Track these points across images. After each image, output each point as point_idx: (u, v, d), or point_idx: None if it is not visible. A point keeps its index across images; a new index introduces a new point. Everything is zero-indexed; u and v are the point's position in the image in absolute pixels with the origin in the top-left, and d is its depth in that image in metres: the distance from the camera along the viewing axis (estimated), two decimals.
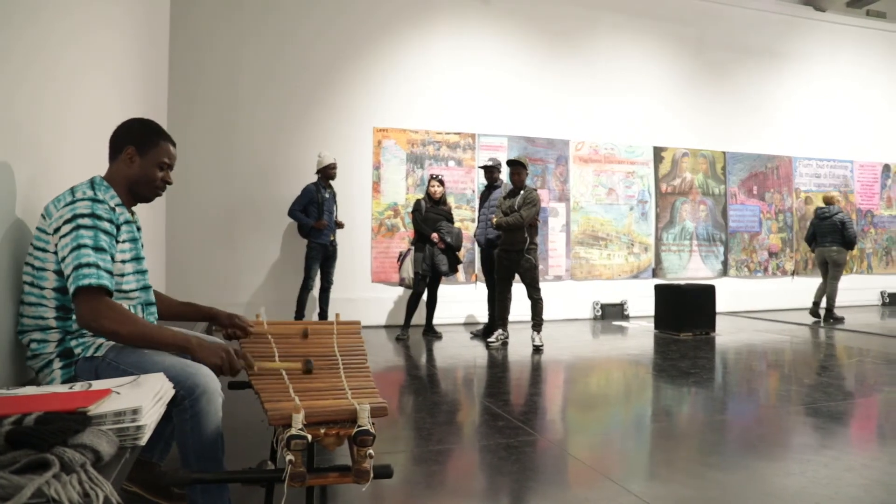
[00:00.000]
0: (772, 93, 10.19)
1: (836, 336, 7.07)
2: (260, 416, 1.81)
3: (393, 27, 8.06)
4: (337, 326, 2.37)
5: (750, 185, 9.98)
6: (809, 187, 10.41)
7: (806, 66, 10.47)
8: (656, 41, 9.43)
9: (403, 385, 4.75)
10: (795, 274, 10.21)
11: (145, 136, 2.08)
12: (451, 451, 3.10)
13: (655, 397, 4.43)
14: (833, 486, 2.57)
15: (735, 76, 9.94)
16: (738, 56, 9.97)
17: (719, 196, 9.75)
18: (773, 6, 10.20)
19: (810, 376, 5.00)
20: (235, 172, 7.37)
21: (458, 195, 8.19)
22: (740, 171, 9.90)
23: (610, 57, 9.11)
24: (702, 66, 9.72)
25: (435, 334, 6.90)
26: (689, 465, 2.92)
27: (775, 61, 10.25)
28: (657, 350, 6.21)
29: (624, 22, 9.22)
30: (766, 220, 10.06)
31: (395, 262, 7.37)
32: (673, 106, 9.49)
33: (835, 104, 10.63)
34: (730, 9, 9.87)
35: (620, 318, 8.75)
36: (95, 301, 1.81)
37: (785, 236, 10.18)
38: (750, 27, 10.03)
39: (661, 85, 9.43)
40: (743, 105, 9.97)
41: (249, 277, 7.40)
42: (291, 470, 1.59)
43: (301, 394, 1.89)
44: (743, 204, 9.92)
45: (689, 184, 9.56)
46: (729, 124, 9.83)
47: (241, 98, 7.41)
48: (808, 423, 3.64)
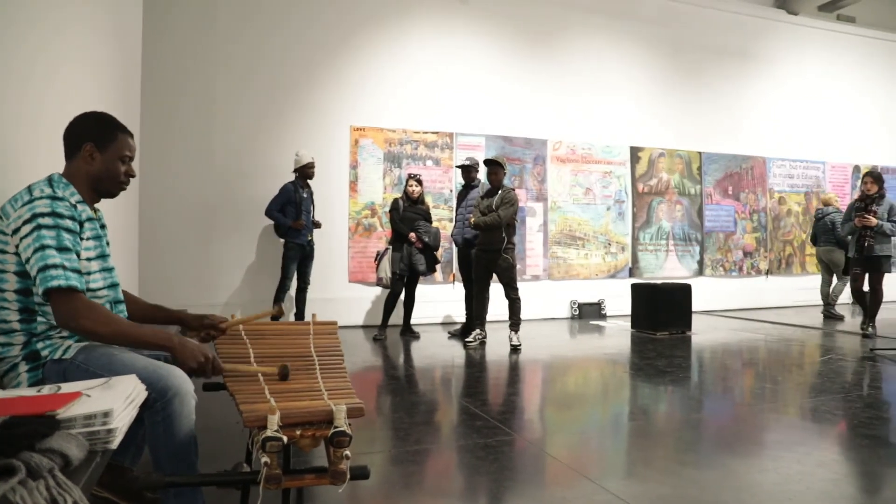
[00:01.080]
0: (746, 94, 10.33)
1: (809, 334, 7.18)
2: (235, 418, 1.78)
3: (371, 26, 8.02)
4: (313, 327, 2.35)
5: (725, 185, 10.10)
6: (783, 188, 10.56)
7: (779, 69, 10.63)
8: (633, 42, 9.51)
9: (381, 385, 4.73)
10: (769, 273, 10.36)
11: (103, 131, 2.02)
12: (429, 451, 3.09)
13: (632, 396, 4.46)
14: (805, 481, 2.61)
15: (710, 77, 10.05)
16: (713, 57, 10.08)
17: (695, 196, 9.86)
18: (747, 9, 10.34)
19: (783, 374, 5.07)
20: (211, 171, 7.28)
21: (435, 195, 8.18)
22: (716, 171, 10.02)
23: (587, 57, 9.16)
24: (678, 68, 9.82)
25: (412, 334, 6.88)
26: (666, 463, 2.94)
27: (749, 63, 10.39)
28: (634, 349, 6.26)
29: (601, 23, 9.28)
30: (741, 219, 10.20)
31: (372, 261, 7.34)
32: (649, 106, 9.57)
33: (807, 106, 10.81)
34: (705, 11, 9.98)
35: (598, 318, 8.81)
36: (72, 301, 1.78)
37: (759, 236, 10.32)
38: (725, 29, 10.15)
39: (638, 85, 9.51)
40: (718, 106, 10.09)
41: (226, 278, 7.32)
42: (267, 472, 1.57)
43: (277, 395, 1.87)
44: (718, 204, 10.04)
45: (666, 184, 9.65)
46: (704, 125, 9.95)
47: (217, 96, 7.33)
48: (781, 420, 3.69)
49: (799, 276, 10.54)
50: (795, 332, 7.33)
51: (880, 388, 4.49)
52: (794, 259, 10.56)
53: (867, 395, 4.30)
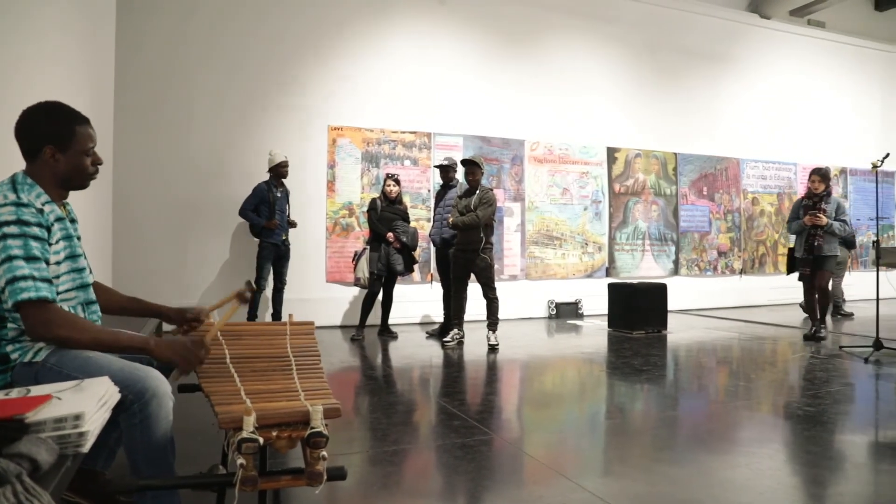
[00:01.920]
0: (720, 96, 10.47)
1: (781, 333, 7.30)
2: (211, 420, 1.77)
3: (348, 25, 7.98)
4: (290, 327, 2.34)
5: (700, 185, 10.22)
6: (756, 188, 10.72)
7: (752, 71, 10.79)
8: (610, 44, 9.58)
9: (359, 385, 4.71)
10: (743, 273, 10.51)
11: (59, 129, 1.92)
12: (407, 451, 3.08)
13: (609, 395, 4.50)
14: (776, 476, 2.65)
15: (685, 79, 10.17)
16: (688, 60, 10.20)
17: (671, 196, 9.97)
18: (721, 12, 10.47)
19: (756, 372, 5.15)
20: (186, 170, 7.19)
21: (413, 194, 8.17)
22: (691, 172, 10.13)
23: (564, 58, 9.21)
24: (653, 69, 9.91)
25: (390, 334, 6.87)
26: (642, 460, 2.97)
27: (723, 65, 10.53)
28: (611, 348, 6.31)
29: (578, 24, 9.34)
30: (716, 220, 10.33)
31: (350, 261, 7.31)
32: (626, 107, 9.66)
33: (779, 108, 10.98)
34: (680, 14, 10.09)
35: (575, 317, 8.86)
36: (43, 312, 1.75)
37: (733, 236, 10.46)
38: (700, 32, 10.27)
39: (615, 87, 9.59)
40: (693, 107, 10.21)
41: (199, 277, 7.24)
42: (243, 474, 1.56)
43: (253, 396, 1.85)
44: (693, 204, 10.16)
45: (642, 184, 9.74)
46: (680, 126, 10.06)
47: (191, 94, 7.24)
48: (754, 417, 3.74)
49: (772, 276, 10.70)
50: (768, 331, 7.44)
51: (849, 384, 4.57)
52: (767, 259, 10.73)
53: (836, 391, 4.38)
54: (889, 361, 5.36)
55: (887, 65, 12.27)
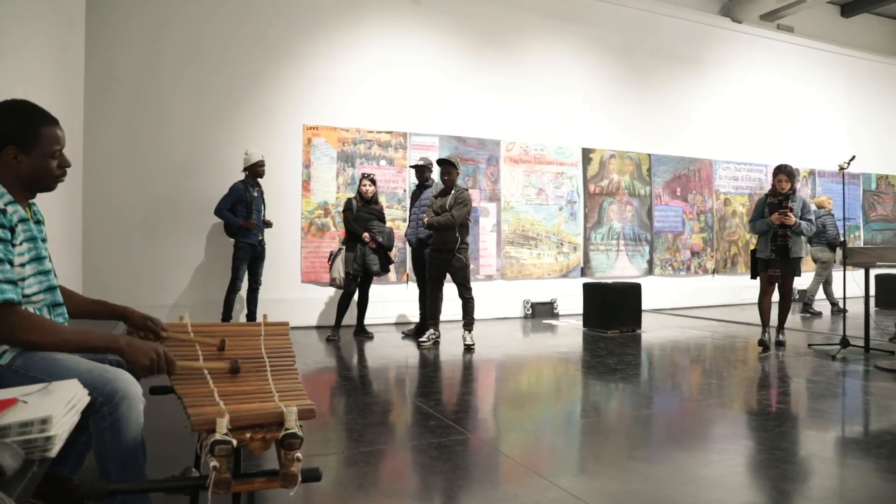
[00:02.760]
0: (693, 98, 10.61)
1: (753, 331, 7.40)
2: (184, 422, 1.74)
3: (324, 24, 7.94)
4: (264, 328, 2.32)
5: (673, 186, 10.34)
6: (728, 189, 10.88)
7: (724, 74, 10.95)
8: (585, 45, 9.65)
9: (334, 386, 4.68)
10: (716, 272, 10.65)
11: (23, 130, 1.85)
12: (383, 451, 3.07)
13: (584, 394, 4.53)
14: (747, 473, 2.69)
15: (659, 81, 10.28)
16: (661, 62, 10.32)
17: (645, 197, 10.07)
18: (693, 16, 10.61)
19: (728, 370, 5.22)
20: (159, 169, 7.09)
21: (389, 194, 8.15)
22: (664, 172, 10.24)
23: (540, 59, 9.26)
24: (628, 71, 10.01)
25: (366, 334, 6.84)
26: (616, 458, 2.99)
27: (696, 68, 10.66)
28: (586, 347, 6.35)
29: (554, 25, 9.39)
30: (689, 220, 10.45)
31: (325, 261, 7.27)
32: (601, 109, 9.73)
33: (749, 110, 11.16)
34: (654, 17, 10.20)
35: (550, 317, 8.91)
36: (9, 315, 1.71)
37: (706, 236, 10.60)
38: (673, 35, 10.40)
39: (590, 88, 9.66)
40: (667, 109, 10.32)
41: (174, 278, 7.14)
42: (216, 476, 1.54)
43: (226, 398, 1.83)
44: (667, 205, 10.27)
45: (617, 185, 9.82)
46: (654, 127, 10.17)
47: (164, 92, 7.13)
48: (726, 414, 3.80)
49: (744, 275, 10.85)
50: (740, 330, 7.55)
51: (817, 381, 4.66)
52: (738, 258, 10.89)
53: (805, 388, 4.46)
54: (856, 359, 5.47)
55: (852, 69, 12.54)
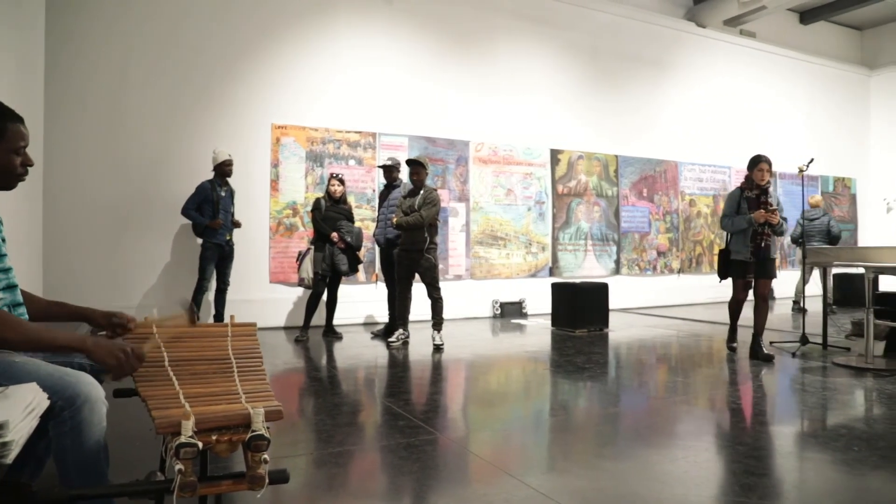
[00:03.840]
0: (659, 100, 10.77)
1: (717, 330, 7.54)
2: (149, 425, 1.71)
3: (294, 23, 7.87)
4: (231, 329, 2.29)
5: (640, 187, 10.48)
6: (693, 190, 11.07)
7: (689, 77, 11.14)
8: (553, 47, 9.73)
9: (303, 387, 4.65)
10: (681, 272, 10.83)
11: None
12: (352, 452, 3.06)
13: (553, 392, 4.56)
14: (711, 468, 2.75)
15: (626, 83, 10.41)
16: (628, 65, 10.45)
17: (612, 198, 10.19)
18: (660, 20, 10.77)
19: (694, 368, 5.31)
20: (124, 168, 6.95)
21: (358, 194, 8.12)
22: (631, 174, 10.38)
23: (509, 60, 9.31)
24: (595, 73, 10.12)
25: (335, 335, 6.80)
26: (584, 456, 3.02)
27: (662, 71, 10.83)
28: (554, 346, 6.40)
29: (523, 27, 9.45)
30: (655, 220, 10.61)
31: (293, 262, 7.21)
32: (569, 110, 9.82)
33: (714, 113, 11.38)
34: (621, 20, 10.33)
35: (519, 316, 8.96)
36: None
37: (672, 236, 10.76)
38: (640, 38, 10.54)
39: (558, 89, 9.74)
40: (633, 111, 10.46)
41: (140, 279, 7.01)
42: (181, 480, 1.52)
43: (192, 399, 1.80)
44: (634, 205, 10.41)
45: (584, 185, 9.92)
46: (621, 129, 10.30)
47: (130, 89, 6.99)
48: (692, 411, 3.86)
49: (708, 275, 11.06)
50: (705, 328, 7.69)
51: (778, 378, 4.77)
52: (703, 258, 11.09)
53: (766, 385, 4.56)
54: (814, 356, 5.61)
55: (811, 75, 12.88)
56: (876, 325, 5.19)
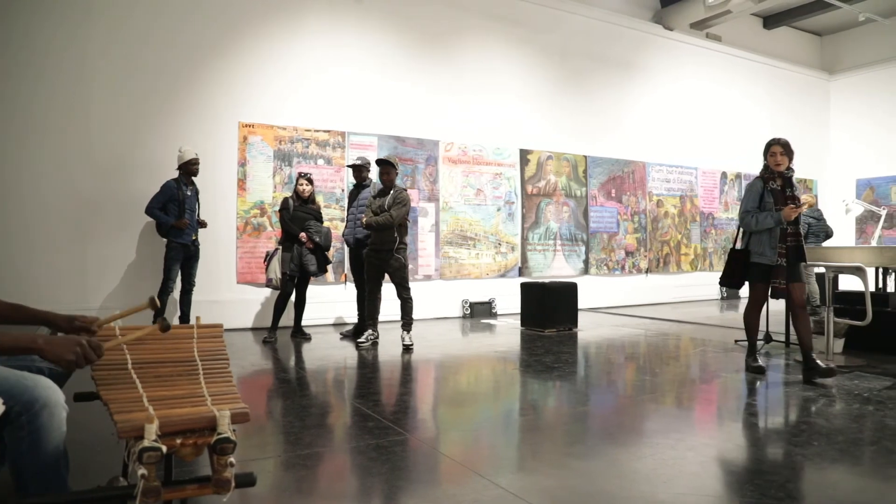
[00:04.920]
0: (627, 101, 10.90)
1: (683, 328, 7.66)
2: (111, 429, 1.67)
3: (262, 20, 7.78)
4: (197, 330, 2.25)
5: (609, 188, 10.59)
6: (661, 191, 11.22)
7: (656, 79, 11.30)
8: (523, 48, 9.78)
9: (271, 389, 4.59)
10: (649, 272, 10.97)
11: None
12: (321, 454, 3.03)
13: (522, 392, 4.58)
14: (678, 465, 2.78)
15: (595, 85, 10.52)
16: (597, 66, 10.55)
17: (581, 198, 10.28)
18: (628, 22, 10.90)
19: (660, 367, 5.38)
20: (86, 166, 6.80)
21: (327, 194, 8.06)
22: (600, 174, 10.48)
23: (479, 61, 9.33)
24: (565, 74, 10.20)
25: (304, 336, 6.74)
26: (554, 455, 3.04)
27: (630, 73, 10.96)
28: (524, 346, 6.43)
29: (493, 27, 9.48)
30: (623, 221, 10.73)
31: (261, 262, 7.13)
32: (538, 110, 9.88)
33: (681, 114, 11.56)
34: (590, 21, 10.43)
35: (489, 316, 8.99)
36: None
37: (640, 236, 10.90)
38: (609, 40, 10.65)
39: (528, 90, 9.80)
40: (602, 112, 10.57)
41: (102, 280, 6.86)
42: (144, 485, 1.49)
43: (156, 402, 1.77)
44: (602, 206, 10.51)
45: (553, 186, 9.99)
46: (590, 130, 10.40)
47: (92, 85, 6.84)
48: (659, 409, 3.91)
49: (675, 275, 11.24)
50: (672, 327, 7.80)
51: (742, 375, 4.85)
52: (670, 258, 11.25)
53: (731, 382, 4.64)
54: (777, 353, 5.73)
55: (774, 78, 13.16)
56: (836, 323, 5.31)
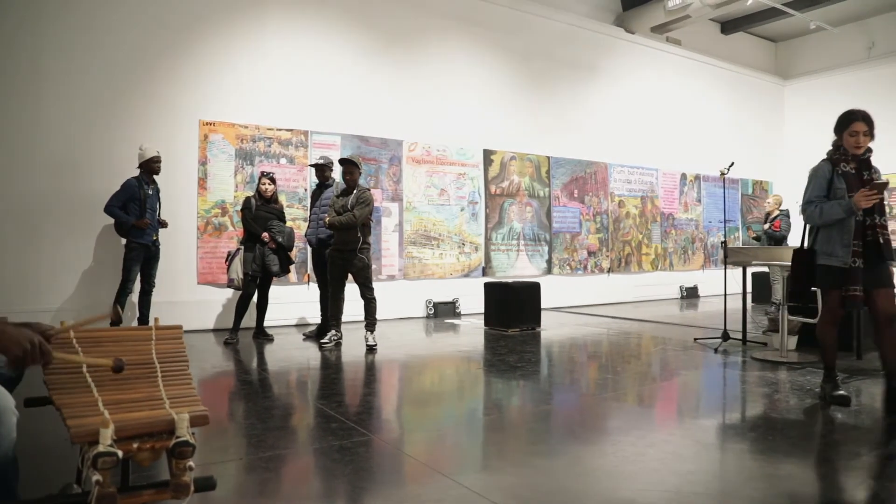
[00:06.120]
0: (590, 103, 11.03)
1: (644, 327, 7.79)
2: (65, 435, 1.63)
3: (223, 17, 7.66)
4: (156, 332, 2.20)
5: (571, 188, 10.70)
6: (622, 192, 11.38)
7: (618, 81, 11.46)
8: (486, 49, 9.82)
9: (233, 391, 4.53)
10: (611, 271, 11.12)
11: None
12: (284, 456, 3.00)
13: (486, 391, 4.60)
14: (639, 462, 2.83)
15: (558, 86, 10.62)
16: (560, 68, 10.66)
17: (544, 198, 10.36)
18: (590, 24, 11.04)
19: (622, 365, 5.46)
20: (39, 163, 6.59)
21: (289, 193, 7.98)
22: (563, 175, 10.59)
23: (443, 61, 9.34)
24: (528, 75, 10.27)
25: (266, 337, 6.66)
26: (518, 454, 3.06)
27: (593, 74, 11.09)
28: (487, 346, 6.46)
29: (457, 28, 9.50)
30: (586, 221, 10.85)
31: (222, 262, 7.02)
32: (502, 111, 9.94)
33: (642, 117, 11.74)
34: (553, 23, 10.53)
35: (452, 316, 9.00)
36: None
37: (602, 236, 11.04)
38: (571, 42, 10.77)
39: (491, 90, 9.84)
40: (565, 113, 10.68)
41: (57, 281, 6.66)
42: (99, 491, 1.45)
43: (112, 406, 1.72)
44: (565, 206, 10.62)
45: (517, 186, 10.06)
46: (553, 131, 10.49)
47: (49, 81, 6.63)
48: (621, 407, 3.96)
49: (636, 274, 11.42)
50: (633, 326, 7.91)
51: (701, 373, 4.96)
52: (632, 258, 11.42)
53: (690, 380, 4.74)
54: (735, 351, 5.86)
55: (732, 82, 13.49)
56: (790, 320, 5.46)
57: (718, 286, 9.67)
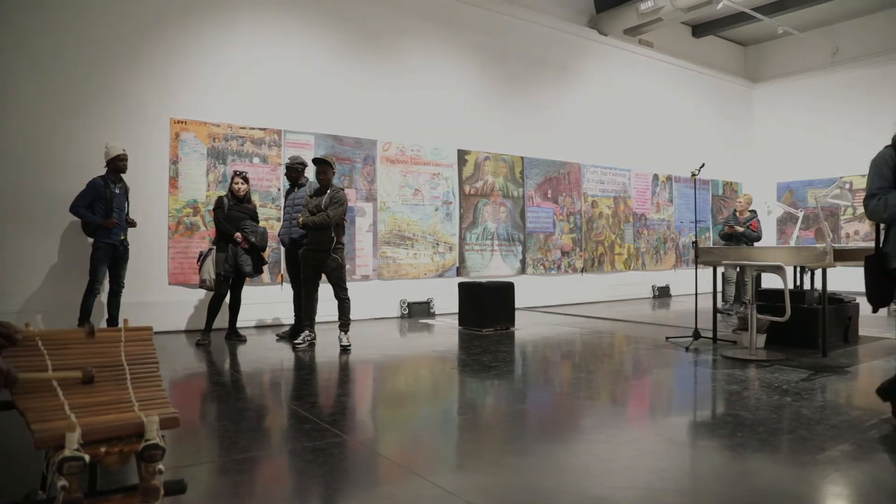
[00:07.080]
0: (563, 104, 11.10)
1: (617, 326, 7.86)
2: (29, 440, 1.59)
3: (195, 13, 7.55)
4: (125, 333, 2.17)
5: (545, 188, 10.76)
6: (595, 192, 11.47)
7: (592, 83, 11.55)
8: (461, 49, 9.82)
9: (205, 393, 4.47)
10: (584, 271, 11.20)
11: None
12: (257, 458, 2.97)
13: (461, 391, 4.61)
14: (612, 460, 2.86)
15: (532, 87, 10.67)
16: (534, 68, 10.71)
17: (518, 199, 10.40)
18: (564, 26, 11.11)
19: (595, 364, 5.51)
20: (4, 162, 6.44)
21: (262, 193, 7.90)
22: (536, 175, 10.64)
23: (417, 60, 9.33)
24: (503, 76, 10.30)
25: (238, 338, 6.59)
26: (492, 454, 3.07)
27: (566, 76, 11.17)
28: (461, 346, 6.47)
29: (432, 28, 9.49)
30: (559, 221, 10.92)
31: (194, 262, 6.93)
32: (476, 111, 9.95)
33: (614, 118, 11.85)
34: (527, 24, 10.57)
35: (427, 316, 9.00)
36: None
37: (575, 237, 11.12)
38: (545, 43, 10.83)
39: (466, 91, 9.85)
40: (539, 114, 10.73)
41: (21, 281, 6.51)
42: (65, 496, 1.42)
43: (79, 410, 1.69)
44: (539, 206, 10.67)
45: (491, 186, 10.08)
46: (526, 131, 10.54)
47: (13, 78, 6.47)
48: (594, 406, 4.00)
49: (609, 274, 11.52)
50: (606, 325, 7.98)
51: (673, 371, 5.02)
52: (605, 258, 11.52)
53: (662, 378, 4.80)
54: (705, 349, 5.94)
55: (702, 85, 13.68)
56: (758, 319, 5.56)
57: (690, 286, 9.81)
